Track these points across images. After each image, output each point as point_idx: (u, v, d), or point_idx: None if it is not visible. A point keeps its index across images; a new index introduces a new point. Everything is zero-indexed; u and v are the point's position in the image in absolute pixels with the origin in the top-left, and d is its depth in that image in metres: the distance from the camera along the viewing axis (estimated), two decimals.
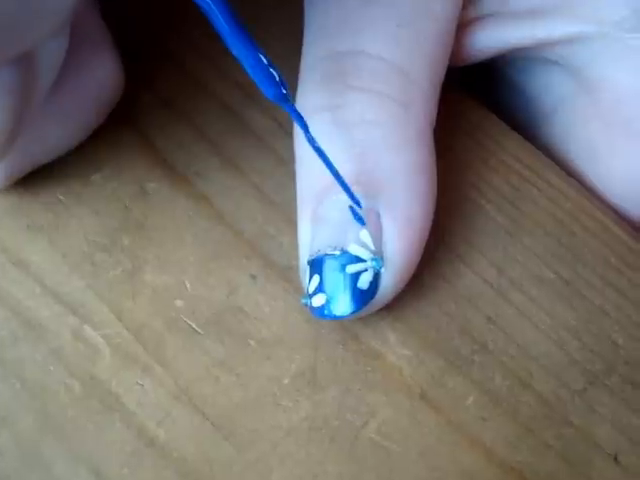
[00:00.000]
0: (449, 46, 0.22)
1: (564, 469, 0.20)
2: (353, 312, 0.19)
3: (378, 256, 0.19)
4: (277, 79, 0.16)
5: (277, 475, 0.19)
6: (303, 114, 0.20)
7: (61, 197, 0.22)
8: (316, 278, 0.20)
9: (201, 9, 0.15)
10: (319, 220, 0.20)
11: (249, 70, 0.16)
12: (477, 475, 0.20)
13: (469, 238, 0.21)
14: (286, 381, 0.20)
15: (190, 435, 0.20)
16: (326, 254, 0.19)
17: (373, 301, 0.20)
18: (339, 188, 0.19)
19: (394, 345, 0.21)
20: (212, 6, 0.15)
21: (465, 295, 0.22)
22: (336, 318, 0.20)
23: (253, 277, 0.22)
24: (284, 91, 0.16)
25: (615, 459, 0.20)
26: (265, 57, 0.16)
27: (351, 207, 0.19)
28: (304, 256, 0.20)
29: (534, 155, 0.24)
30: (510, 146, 0.24)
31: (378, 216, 0.19)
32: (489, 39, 0.24)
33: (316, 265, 0.20)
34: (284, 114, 0.22)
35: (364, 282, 0.19)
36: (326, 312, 0.20)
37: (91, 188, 0.22)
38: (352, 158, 0.20)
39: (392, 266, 0.19)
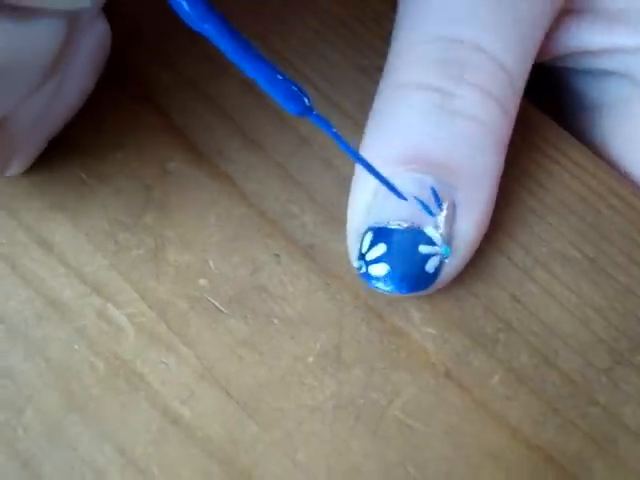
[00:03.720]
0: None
1: (590, 448, 0.20)
2: (413, 291, 0.19)
3: (447, 244, 0.19)
4: (298, 92, 0.16)
5: (302, 454, 0.19)
6: (406, 84, 0.20)
7: (84, 177, 0.22)
8: (381, 247, 0.19)
9: (208, 38, 0.14)
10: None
11: (268, 90, 0.15)
12: (502, 454, 0.20)
13: (494, 217, 0.21)
14: (311, 360, 0.20)
15: (214, 414, 0.20)
16: (397, 227, 0.19)
17: (432, 285, 0.20)
18: (422, 167, 0.19)
19: (419, 324, 0.21)
20: (218, 34, 0.14)
21: (490, 274, 0.22)
22: (390, 292, 0.19)
23: (276, 256, 0.22)
24: (307, 103, 0.16)
25: None
26: (280, 73, 0.15)
27: (433, 189, 0.19)
28: (362, 218, 0.20)
29: (558, 133, 0.24)
30: (534, 124, 0.24)
31: (454, 206, 0.20)
32: (571, 38, 0.24)
33: (383, 234, 0.19)
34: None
35: (431, 266, 0.19)
36: (383, 284, 0.19)
37: (113, 168, 0.22)
38: (446, 145, 0.20)
39: (458, 256, 0.20)
